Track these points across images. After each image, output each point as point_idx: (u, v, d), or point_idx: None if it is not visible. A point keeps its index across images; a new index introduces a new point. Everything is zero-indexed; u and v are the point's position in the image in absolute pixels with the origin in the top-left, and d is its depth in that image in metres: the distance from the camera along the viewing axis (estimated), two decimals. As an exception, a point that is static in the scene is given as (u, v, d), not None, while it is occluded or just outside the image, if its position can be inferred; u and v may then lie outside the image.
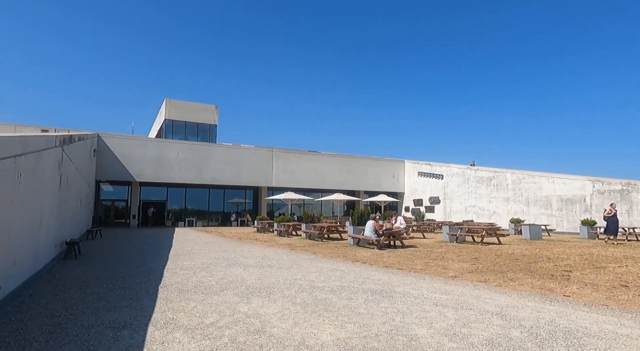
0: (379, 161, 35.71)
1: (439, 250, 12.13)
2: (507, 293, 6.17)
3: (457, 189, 30.41)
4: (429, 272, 8.05)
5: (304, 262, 9.29)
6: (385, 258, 10.37)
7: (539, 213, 24.35)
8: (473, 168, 29.50)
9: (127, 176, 25.92)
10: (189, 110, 39.85)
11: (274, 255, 10.85)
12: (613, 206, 16.33)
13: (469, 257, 10.58)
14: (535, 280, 7.18)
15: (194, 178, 28.05)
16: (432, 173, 32.99)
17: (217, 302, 4.87)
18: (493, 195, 27.57)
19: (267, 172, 30.58)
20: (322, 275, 7.32)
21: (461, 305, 5.14)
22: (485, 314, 4.72)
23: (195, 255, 10.33)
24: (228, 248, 12.47)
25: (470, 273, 8.00)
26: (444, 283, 6.91)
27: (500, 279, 7.31)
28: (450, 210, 30.94)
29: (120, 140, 26.05)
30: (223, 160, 29.11)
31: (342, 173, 33.69)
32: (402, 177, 35.93)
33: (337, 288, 6.03)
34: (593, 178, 21.87)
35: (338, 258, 10.23)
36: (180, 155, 27.67)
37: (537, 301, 5.60)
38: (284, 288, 5.90)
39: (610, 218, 15.93)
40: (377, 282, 6.71)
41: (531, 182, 25.11)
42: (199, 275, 7.04)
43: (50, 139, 6.75)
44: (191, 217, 29.41)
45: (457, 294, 5.93)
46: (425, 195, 33.42)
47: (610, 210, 16.10)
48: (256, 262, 9.09)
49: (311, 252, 11.66)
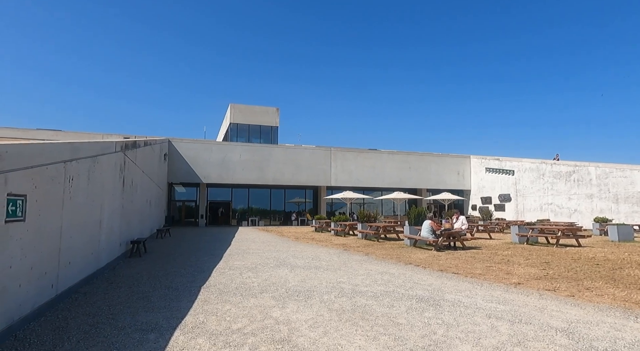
0: (442, 157, 34.04)
1: (504, 253, 11.09)
2: (581, 305, 5.35)
3: (531, 185, 27.87)
4: (488, 277, 7.33)
5: (353, 264, 9.01)
6: (442, 260, 9.70)
7: (630, 212, 21.38)
8: (549, 162, 26.81)
9: (195, 178, 27.60)
10: (251, 114, 41.41)
11: (326, 255, 10.70)
12: None
13: (539, 261, 9.50)
14: (618, 291, 6.17)
15: (256, 179, 29.02)
16: (501, 169, 30.62)
17: (252, 305, 4.81)
18: (573, 191, 24.80)
19: (325, 172, 30.66)
20: (369, 279, 6.99)
21: (519, 318, 4.52)
22: (548, 330, 4.08)
23: (248, 255, 10.55)
24: (282, 248, 12.59)
25: (537, 279, 7.13)
26: (504, 290, 6.21)
27: (573, 288, 6.39)
28: (522, 208, 28.46)
29: (188, 145, 27.79)
30: (283, 161, 29.74)
31: (402, 170, 32.65)
32: (467, 174, 33.85)
33: (380, 294, 5.69)
34: (701, 170, 18.64)
35: (391, 260, 9.79)
36: (243, 156, 28.79)
37: (618, 317, 4.76)
38: (324, 292, 5.70)
39: None
40: (427, 288, 6.22)
41: (620, 176, 22.13)
42: (245, 275, 7.11)
43: (109, 145, 7.28)
44: (254, 216, 30.47)
45: (517, 304, 5.27)
46: (494, 192, 31.13)
47: None
48: (305, 263, 9.00)
49: (364, 253, 11.32)
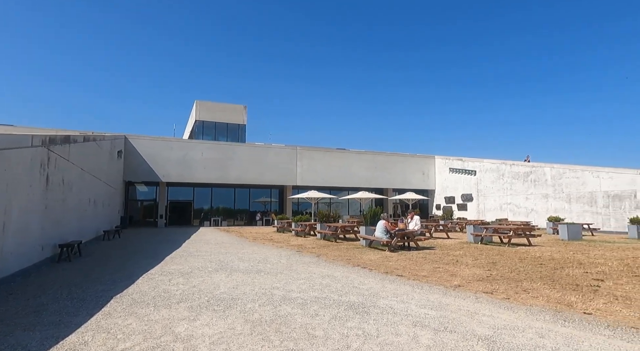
0: (407, 157, 34.35)
1: (456, 253, 11.07)
2: (514, 308, 5.21)
3: (491, 185, 28.54)
4: (431, 280, 7.15)
5: (299, 266, 8.66)
6: (392, 261, 9.52)
7: (582, 211, 22.22)
8: (508, 163, 27.53)
9: (154, 177, 26.48)
10: (218, 111, 40.37)
11: (275, 257, 10.30)
12: None
13: (487, 261, 9.49)
14: (554, 292, 6.12)
15: (219, 178, 28.20)
16: (464, 169, 31.22)
17: (159, 318, 4.35)
18: (530, 191, 25.56)
19: (291, 171, 30.22)
20: (307, 283, 6.65)
21: (446, 326, 4.29)
22: (470, 340, 3.86)
23: (192, 258, 9.99)
24: (234, 250, 12.08)
25: (479, 281, 7.02)
26: (442, 294, 6.02)
27: (511, 289, 6.30)
28: (484, 208, 29.11)
29: (147, 142, 26.63)
30: (247, 160, 29.07)
31: (369, 170, 32.68)
32: (432, 174, 34.33)
33: (310, 301, 5.35)
34: (645, 171, 19.56)
35: (340, 262, 9.51)
36: (205, 155, 27.91)
37: (546, 321, 4.63)
38: (250, 300, 5.30)
39: None
40: (364, 293, 5.95)
41: (573, 177, 22.96)
42: (173, 282, 6.60)
43: (21, 139, 6.56)
44: (217, 216, 29.63)
45: (450, 309, 5.06)
46: (457, 192, 31.71)
47: None
48: (248, 266, 8.57)
49: (316, 254, 11.00)
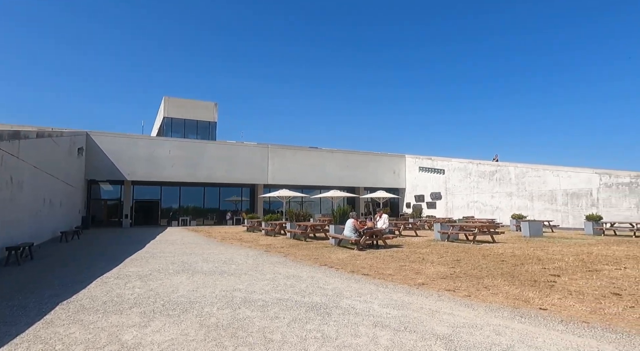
0: (379, 156, 34.68)
1: (422, 251, 11.21)
2: (474, 305, 5.27)
3: (459, 184, 29.27)
4: (396, 278, 7.17)
5: (265, 267, 8.49)
6: (360, 260, 9.51)
7: (543, 209, 23.15)
8: (475, 162, 28.31)
9: (118, 175, 25.45)
10: (188, 108, 39.38)
11: (242, 257, 10.07)
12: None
13: (452, 258, 9.65)
14: (513, 288, 6.26)
15: (188, 176, 27.48)
16: (433, 168, 31.86)
17: (106, 325, 4.08)
18: (496, 190, 26.39)
19: (262, 169, 29.85)
20: (271, 284, 6.50)
21: (406, 326, 4.27)
22: (429, 339, 3.84)
23: (154, 259, 9.61)
24: (199, 250, 11.74)
25: (443, 279, 7.10)
26: (405, 292, 6.03)
27: (473, 287, 6.39)
28: (452, 206, 29.82)
29: (111, 138, 25.56)
30: (217, 158, 28.47)
31: (341, 169, 32.76)
32: (403, 173, 34.84)
33: (272, 303, 5.21)
34: (600, 170, 20.59)
35: (308, 261, 9.40)
36: (173, 152, 27.10)
37: (504, 318, 4.70)
38: (208, 304, 5.10)
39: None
40: (328, 293, 5.86)
41: (535, 176, 23.88)
42: (129, 285, 6.28)
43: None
44: (185, 215, 28.87)
45: (412, 308, 5.06)
46: (427, 190, 32.33)
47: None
48: (212, 268, 8.31)
49: (284, 254, 10.86)
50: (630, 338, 4.00)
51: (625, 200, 19.27)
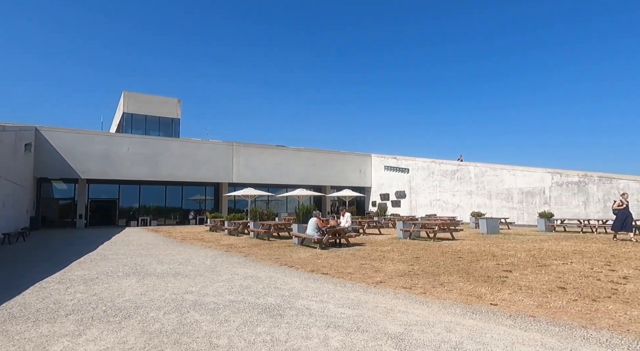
0: (345, 155, 34.87)
1: (384, 249, 11.31)
2: (428, 303, 5.31)
3: (423, 183, 29.96)
4: (355, 277, 7.15)
5: (223, 268, 8.23)
6: (321, 259, 9.44)
7: (500, 206, 24.11)
8: (437, 161, 29.07)
9: (71, 173, 24.09)
10: (149, 104, 37.88)
11: (200, 258, 9.74)
12: (625, 196, 13.21)
13: (412, 256, 9.78)
14: (467, 284, 6.38)
15: (148, 174, 26.45)
16: (398, 167, 32.43)
17: (34, 336, 3.75)
18: (457, 188, 27.22)
19: (227, 167, 29.23)
20: (226, 286, 6.29)
21: (359, 325, 4.21)
22: (380, 339, 3.80)
23: (104, 262, 9.09)
24: (156, 251, 11.26)
25: (401, 276, 7.15)
26: (363, 291, 6.00)
27: (429, 284, 6.47)
28: (415, 204, 30.48)
29: (63, 134, 24.13)
30: (180, 155, 27.58)
31: (307, 168, 32.67)
32: (369, 172, 35.24)
33: (224, 305, 5.01)
34: (552, 170, 21.70)
35: (268, 261, 9.22)
36: (132, 149, 25.98)
37: (456, 314, 4.75)
38: (155, 308, 4.83)
39: (621, 211, 12.82)
40: (283, 294, 5.73)
41: (493, 175, 24.84)
42: (71, 290, 5.87)
43: None
44: (145, 215, 27.77)
45: (368, 307, 5.02)
46: (392, 189, 32.87)
47: (620, 202, 12.98)
48: (166, 269, 7.96)
49: (245, 254, 10.61)
50: (571, 331, 4.14)
51: (574, 198, 20.41)
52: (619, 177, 18.93)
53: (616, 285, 6.24)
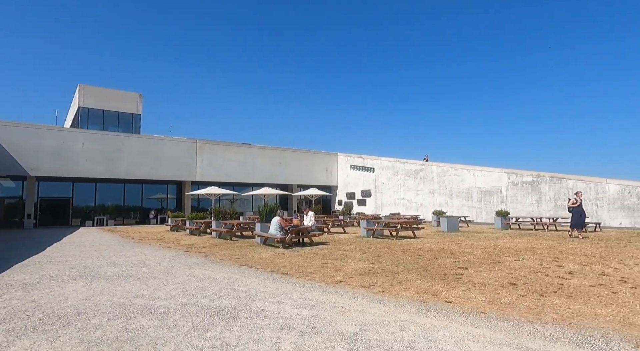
0: (312, 154, 34.84)
1: (347, 247, 11.35)
2: (385, 301, 5.33)
3: (387, 182, 30.45)
4: (316, 276, 7.09)
5: (180, 269, 7.93)
6: (283, 259, 9.32)
7: (461, 205, 24.93)
8: (402, 161, 29.64)
9: (19, 170, 22.52)
10: (107, 98, 36.09)
11: (156, 260, 9.35)
12: (579, 195, 13.78)
13: (373, 254, 9.86)
14: (424, 282, 6.49)
15: (105, 172, 25.20)
16: (363, 167, 32.79)
17: (-45, 348, 3.41)
18: (420, 187, 27.87)
19: (190, 165, 28.40)
20: (180, 288, 6.04)
21: (314, 327, 4.14)
22: (334, 340, 3.75)
23: (51, 265, 8.52)
24: (110, 253, 10.70)
25: (361, 275, 7.16)
26: (322, 291, 5.95)
27: (388, 282, 6.52)
28: (381, 203, 30.94)
29: (8, 128, 22.49)
30: (140, 152, 26.48)
31: (273, 166, 32.35)
32: (335, 171, 35.41)
33: (175, 309, 4.80)
34: (508, 170, 22.68)
35: (229, 262, 8.99)
36: (87, 146, 24.65)
37: (411, 313, 4.80)
38: (98, 314, 4.55)
39: (575, 209, 13.50)
40: (240, 295, 5.57)
41: (454, 175, 25.63)
42: (6, 297, 5.42)
43: None
44: (102, 214, 26.47)
45: (325, 307, 4.97)
46: (358, 188, 33.20)
47: (575, 200, 13.60)
48: (117, 272, 7.56)
49: (205, 255, 10.30)
50: (519, 326, 4.27)
51: (528, 197, 21.45)
52: (568, 177, 20.08)
53: (562, 280, 6.55)
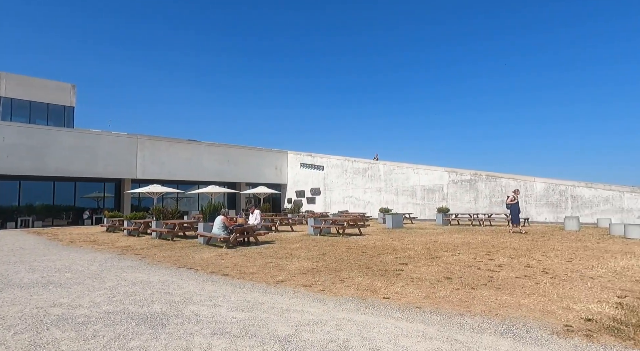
0: (261, 151, 34.31)
1: (293, 246, 11.26)
2: (325, 300, 5.30)
3: (337, 180, 30.80)
4: (257, 277, 6.92)
5: (110, 274, 7.37)
6: (226, 259, 9.02)
7: (406, 202, 25.83)
8: (350, 159, 30.11)
9: None
10: (36, 88, 32.99)
11: (84, 264, 8.63)
12: (516, 192, 14.83)
13: (319, 252, 9.86)
14: (365, 279, 6.56)
15: (33, 169, 22.98)
16: (313, 165, 32.90)
17: None
18: (368, 185, 28.49)
19: (130, 162, 26.74)
20: (107, 295, 5.59)
21: (248, 330, 3.99)
22: (268, 343, 3.63)
23: (-44, 273, 7.55)
24: (31, 258, 9.71)
25: (304, 274, 7.10)
26: (262, 292, 5.80)
27: (330, 280, 6.51)
28: (330, 201, 31.22)
29: None
30: (74, 148, 24.46)
31: (221, 164, 31.43)
32: (285, 168, 35.18)
33: (97, 318, 4.41)
34: (449, 169, 23.86)
35: (167, 264, 8.53)
36: (10, 140, 22.34)
37: (350, 310, 4.80)
38: (4, 328, 4.05)
39: (513, 205, 14.41)
40: (173, 300, 5.27)
41: (400, 173, 26.49)
42: None
43: None
44: (27, 215, 24.13)
45: (263, 309, 4.83)
46: (307, 186, 33.24)
47: (513, 197, 14.55)
48: (36, 278, 6.86)
49: (141, 257, 9.70)
50: (450, 319, 4.42)
51: (466, 194, 22.72)
52: (502, 175, 21.54)
53: (492, 272, 6.94)
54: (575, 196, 19.23)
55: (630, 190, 17.94)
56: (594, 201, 18.71)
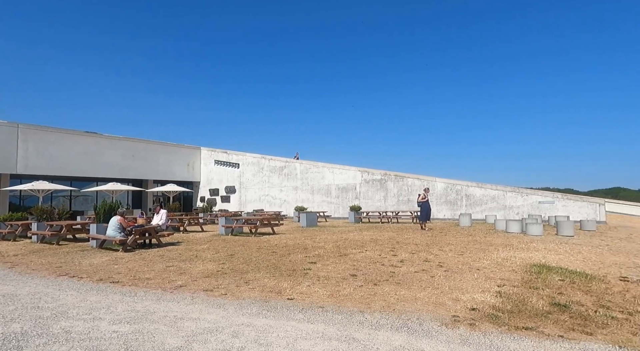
0: (172, 147, 32.07)
1: (200, 247, 10.60)
2: (226, 305, 4.98)
3: (252, 178, 30.14)
4: (153, 283, 6.29)
5: (-36, 287, 6.10)
6: (120, 264, 8.10)
7: (321, 201, 26.27)
8: (267, 157, 29.70)
9: None
10: None
11: None
12: (427, 191, 15.56)
13: (227, 253, 9.40)
14: (271, 280, 6.36)
15: None
16: (228, 162, 31.77)
17: None
18: (284, 184, 28.38)
19: (10, 155, 22.95)
20: (-49, 314, 4.56)
21: (129, 345, 3.51)
22: (149, 359, 3.22)
23: None
24: None
25: (207, 277, 6.65)
26: (156, 299, 5.26)
27: (234, 283, 6.18)
28: (245, 199, 30.44)
29: None
30: None
31: (126, 159, 28.65)
32: (198, 166, 33.41)
33: None
34: (362, 169, 24.85)
35: (44, 272, 7.36)
36: None
37: (251, 315, 4.55)
38: None
39: (424, 203, 15.14)
40: (41, 315, 4.48)
41: (316, 172, 26.86)
42: None
43: None
44: None
45: (153, 319, 4.33)
46: (222, 184, 31.99)
47: (424, 195, 15.25)
48: None
49: (13, 265, 8.27)
50: (351, 317, 4.43)
51: (377, 193, 23.88)
52: (409, 175, 23.08)
53: (394, 268, 7.25)
54: (468, 195, 21.39)
55: (511, 190, 20.53)
56: (483, 199, 21.01)
